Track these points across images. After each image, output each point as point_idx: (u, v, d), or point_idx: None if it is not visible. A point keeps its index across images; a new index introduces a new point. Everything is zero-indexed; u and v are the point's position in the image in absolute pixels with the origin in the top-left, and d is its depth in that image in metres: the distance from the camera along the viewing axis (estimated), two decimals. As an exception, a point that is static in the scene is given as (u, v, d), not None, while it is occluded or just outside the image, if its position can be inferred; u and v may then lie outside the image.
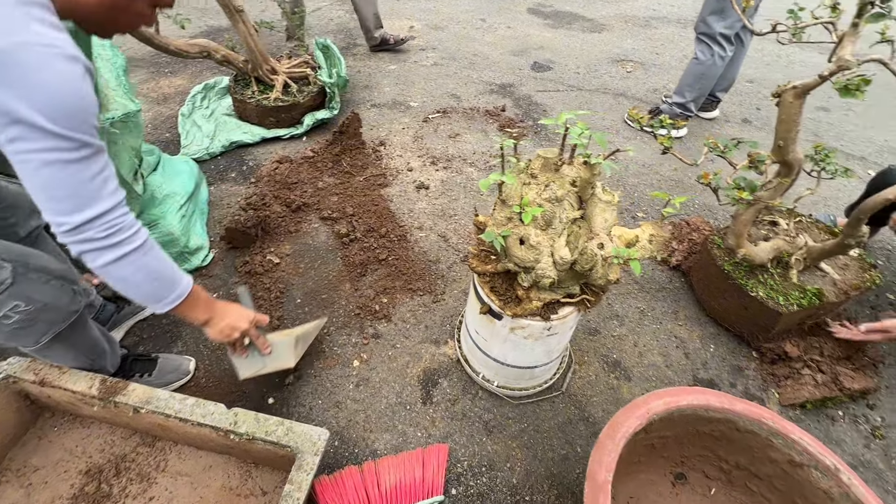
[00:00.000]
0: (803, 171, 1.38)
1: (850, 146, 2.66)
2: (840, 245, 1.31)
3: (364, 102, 2.78)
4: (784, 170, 1.15)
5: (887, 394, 1.50)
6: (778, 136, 1.06)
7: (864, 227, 1.25)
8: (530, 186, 0.98)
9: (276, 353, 1.24)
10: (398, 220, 2.01)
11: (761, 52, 3.60)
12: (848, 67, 0.88)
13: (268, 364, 1.24)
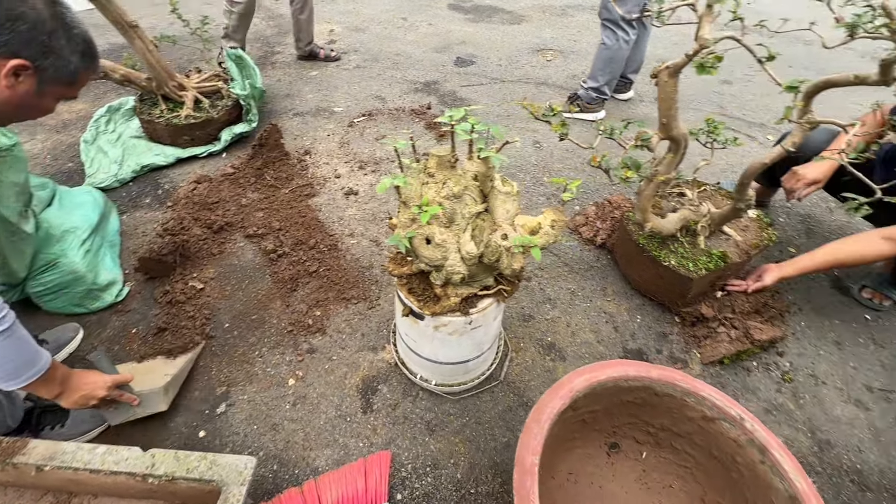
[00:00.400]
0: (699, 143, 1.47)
1: (752, 115, 2.87)
2: (734, 209, 1.42)
3: (286, 112, 2.69)
4: (673, 145, 1.22)
5: (793, 340, 1.64)
6: (661, 114, 1.13)
7: (750, 191, 1.35)
8: (429, 186, 0.99)
9: (145, 403, 1.27)
10: (328, 229, 1.97)
11: (668, 31, 3.81)
12: (707, 46, 0.94)
13: (138, 412, 1.27)
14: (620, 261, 1.80)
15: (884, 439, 1.39)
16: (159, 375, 1.34)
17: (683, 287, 1.53)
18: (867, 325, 1.70)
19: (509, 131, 2.61)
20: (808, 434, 1.40)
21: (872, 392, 1.51)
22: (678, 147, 1.22)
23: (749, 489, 1.06)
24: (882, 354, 1.61)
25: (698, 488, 1.20)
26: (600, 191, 2.22)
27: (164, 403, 1.30)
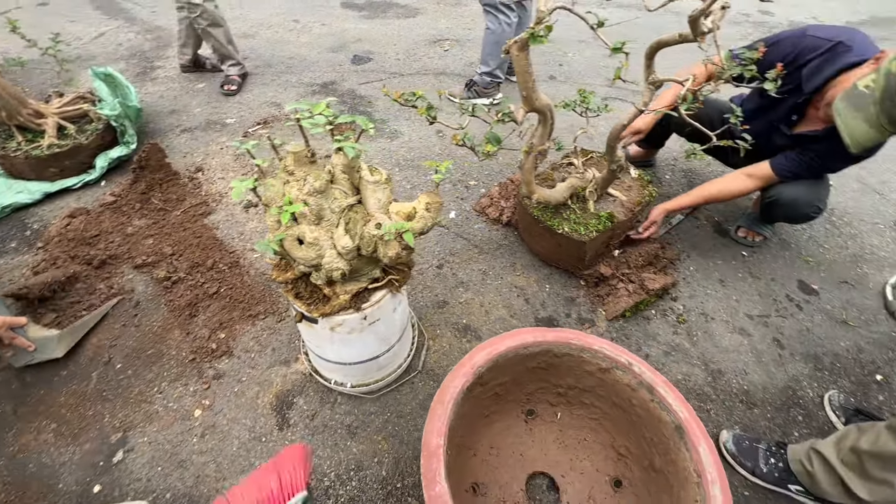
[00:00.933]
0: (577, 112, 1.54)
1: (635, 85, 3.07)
2: (609, 171, 1.51)
3: (171, 129, 2.51)
4: (540, 117, 1.27)
5: (684, 285, 1.78)
6: (520, 87, 1.17)
7: (620, 151, 1.45)
8: (290, 184, 0.95)
9: (41, 348, 1.40)
10: (227, 246, 1.86)
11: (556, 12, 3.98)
12: (543, 17, 0.98)
13: (35, 357, 1.40)
14: (524, 235, 1.86)
15: (764, 359, 1.55)
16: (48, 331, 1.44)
17: (580, 251, 1.61)
18: (744, 261, 1.89)
19: (412, 122, 2.60)
20: (703, 367, 1.53)
21: (753, 319, 1.67)
22: (545, 118, 1.27)
23: (646, 427, 1.14)
24: (758, 285, 1.79)
25: (608, 436, 1.27)
26: (503, 171, 2.28)
27: (59, 350, 1.41)
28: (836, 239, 2.00)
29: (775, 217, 1.75)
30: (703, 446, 0.99)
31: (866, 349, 1.60)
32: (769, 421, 1.40)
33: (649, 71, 1.21)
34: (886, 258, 1.92)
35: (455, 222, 2.01)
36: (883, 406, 1.45)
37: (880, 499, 1.01)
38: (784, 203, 1.62)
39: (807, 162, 1.54)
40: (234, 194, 0.86)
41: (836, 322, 1.67)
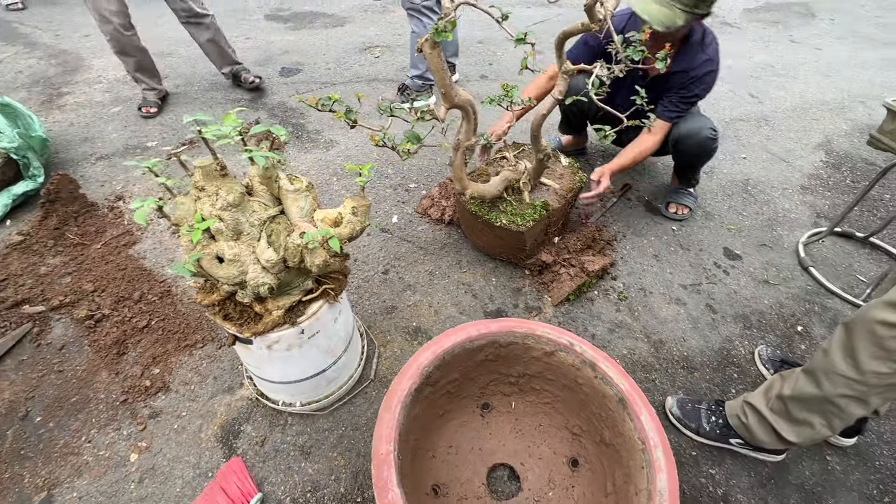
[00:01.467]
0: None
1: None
2: (538, 161, 1.55)
3: (86, 158, 2.33)
4: (463, 113, 1.29)
5: (622, 264, 1.86)
6: (438, 84, 1.17)
7: (544, 141, 1.49)
8: (202, 201, 0.90)
9: None
10: (157, 276, 1.75)
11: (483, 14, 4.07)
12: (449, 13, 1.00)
13: None
14: (466, 231, 1.87)
15: (699, 325, 1.65)
16: None
17: (519, 241, 1.64)
18: (675, 235, 2.00)
19: (347, 131, 2.57)
20: (645, 339, 1.60)
21: (686, 289, 1.77)
22: (468, 114, 1.29)
23: (593, 403, 1.17)
24: (688, 256, 1.90)
25: (561, 418, 1.29)
26: (443, 171, 2.30)
27: None
28: (752, 206, 2.16)
29: (689, 159, 1.90)
30: (644, 415, 1.03)
31: (787, 304, 1.73)
32: (709, 382, 1.48)
33: (561, 60, 1.26)
34: (797, 219, 2.10)
35: (398, 226, 2.00)
36: (805, 354, 1.57)
37: (806, 438, 1.09)
38: (688, 138, 1.79)
39: (677, 100, 1.74)
40: (137, 217, 0.80)
41: (759, 282, 1.80)
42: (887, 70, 3.39)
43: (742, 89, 3.09)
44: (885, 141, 1.58)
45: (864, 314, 0.93)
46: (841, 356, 0.97)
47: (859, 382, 0.95)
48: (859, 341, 0.93)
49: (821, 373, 1.01)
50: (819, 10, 4.45)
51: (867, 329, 0.92)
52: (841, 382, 0.97)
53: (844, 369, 0.96)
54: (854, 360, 0.95)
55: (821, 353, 1.03)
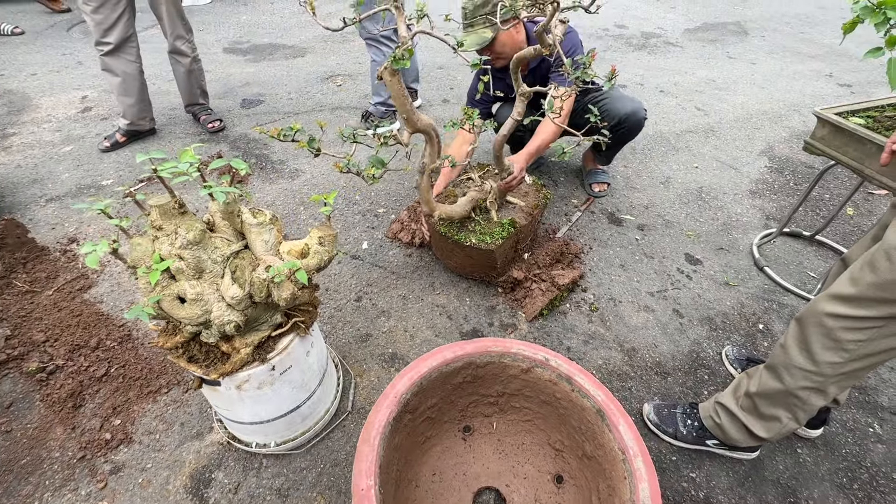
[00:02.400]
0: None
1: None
2: (501, 180, 1.58)
3: (34, 200, 2.22)
4: (426, 137, 1.31)
5: (591, 275, 1.91)
6: (399, 111, 1.19)
7: (506, 161, 1.53)
8: (161, 240, 0.88)
9: None
10: (115, 320, 1.66)
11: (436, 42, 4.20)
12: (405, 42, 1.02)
13: None
14: (437, 253, 1.88)
15: (669, 330, 1.70)
16: None
17: (490, 259, 1.65)
18: (638, 244, 2.07)
19: (312, 159, 2.56)
20: (619, 348, 1.63)
21: (654, 296, 1.83)
22: (431, 138, 1.31)
23: (572, 417, 1.18)
24: (653, 263, 1.97)
25: (543, 435, 1.29)
26: (411, 195, 2.31)
27: None
28: (707, 212, 2.27)
29: (626, 137, 2.04)
30: (622, 424, 1.04)
31: (747, 304, 1.81)
32: (682, 385, 1.52)
33: (517, 84, 1.31)
34: (749, 222, 2.22)
35: (369, 252, 1.99)
36: (768, 351, 1.64)
37: (775, 433, 1.12)
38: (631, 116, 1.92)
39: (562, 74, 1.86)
40: (89, 261, 0.77)
41: (720, 284, 1.88)
42: (815, 80, 3.69)
43: (689, 103, 3.28)
44: (819, 146, 1.71)
45: (813, 308, 0.99)
46: (797, 350, 1.02)
47: (816, 374, 0.99)
48: (812, 335, 0.98)
49: (781, 367, 1.06)
50: (751, 29, 4.82)
51: (817, 322, 0.97)
52: (800, 375, 1.02)
53: (802, 362, 1.01)
54: (809, 352, 0.99)
55: (779, 349, 1.08)
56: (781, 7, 5.49)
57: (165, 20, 2.41)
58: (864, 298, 0.89)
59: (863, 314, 0.90)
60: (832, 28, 4.86)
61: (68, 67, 3.58)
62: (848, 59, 4.10)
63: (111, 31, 2.29)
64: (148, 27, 4.28)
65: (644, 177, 2.50)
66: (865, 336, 0.92)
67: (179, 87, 2.71)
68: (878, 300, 0.88)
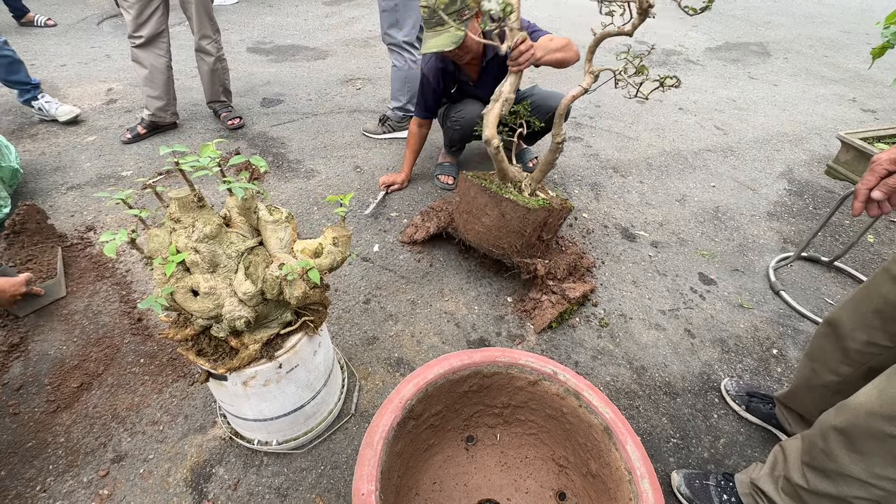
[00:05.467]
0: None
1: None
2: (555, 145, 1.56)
3: (56, 188, 2.27)
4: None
5: (602, 290, 1.88)
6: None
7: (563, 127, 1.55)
8: (178, 233, 0.88)
9: (48, 292, 1.65)
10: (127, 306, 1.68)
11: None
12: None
13: (42, 301, 1.65)
14: (462, 224, 1.81)
15: (679, 350, 1.66)
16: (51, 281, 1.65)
17: (523, 223, 1.61)
18: (651, 261, 2.04)
19: (328, 160, 2.58)
20: (628, 366, 1.60)
21: (665, 314, 1.80)
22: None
23: (578, 433, 1.16)
24: (665, 281, 1.94)
25: (547, 450, 1.27)
26: (424, 200, 2.32)
27: (62, 290, 1.70)
28: (723, 233, 2.23)
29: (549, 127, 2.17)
30: (630, 443, 1.02)
31: (761, 328, 1.77)
32: (691, 408, 1.49)
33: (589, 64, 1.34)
34: (766, 245, 2.18)
35: (379, 255, 1.99)
36: (782, 377, 1.60)
37: None
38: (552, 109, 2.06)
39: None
40: (107, 250, 0.78)
41: (734, 306, 1.85)
42: (837, 104, 3.64)
43: (708, 122, 3.25)
44: (841, 170, 1.68)
45: (864, 423, 0.91)
46: (850, 461, 0.93)
47: (877, 487, 0.91)
48: (871, 450, 0.90)
49: (834, 474, 0.97)
50: (774, 50, 4.78)
51: (877, 439, 0.89)
52: (856, 485, 0.94)
53: (860, 473, 0.93)
54: (868, 464, 0.91)
55: (822, 455, 0.98)
56: (805, 30, 5.44)
57: (194, 19, 2.46)
58: None
59: None
60: (856, 53, 4.80)
61: (96, 60, 3.67)
62: (873, 84, 4.04)
63: (144, 26, 2.34)
64: (178, 23, 4.38)
65: (660, 193, 2.48)
66: None
67: (203, 83, 2.76)
68: None
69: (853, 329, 1.10)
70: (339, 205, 1.03)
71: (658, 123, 3.16)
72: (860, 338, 1.08)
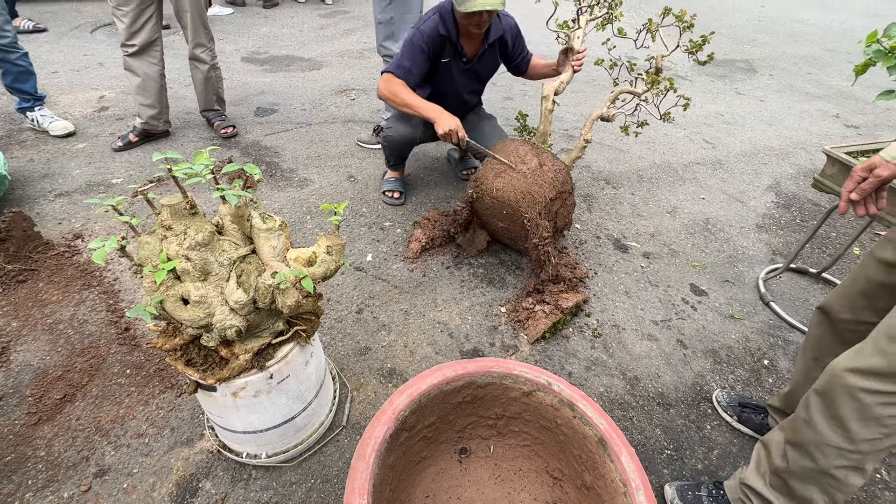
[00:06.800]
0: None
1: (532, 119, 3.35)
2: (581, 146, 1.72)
3: (44, 195, 2.24)
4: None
5: (595, 300, 1.89)
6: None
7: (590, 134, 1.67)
8: (169, 240, 0.87)
9: None
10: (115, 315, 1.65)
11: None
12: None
13: None
14: (492, 181, 1.80)
15: (672, 361, 1.67)
16: None
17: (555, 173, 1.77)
18: (643, 272, 2.06)
19: (322, 170, 2.58)
20: (621, 376, 1.60)
21: (658, 325, 1.81)
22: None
23: (573, 445, 1.15)
24: (657, 292, 1.96)
25: (541, 461, 1.26)
26: (418, 210, 2.32)
27: None
28: (713, 244, 2.26)
29: None
30: (624, 455, 1.01)
31: (752, 338, 1.78)
32: (684, 419, 1.48)
33: None
34: (755, 256, 2.21)
35: (372, 264, 1.98)
36: (773, 388, 1.61)
37: None
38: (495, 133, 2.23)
39: (521, 48, 2.18)
40: (96, 257, 0.76)
41: (725, 317, 1.86)
42: (821, 120, 3.73)
43: (697, 136, 3.31)
44: (828, 183, 1.72)
45: (840, 381, 0.93)
46: (828, 427, 0.95)
47: (853, 451, 0.93)
48: (845, 411, 0.92)
49: (812, 446, 0.99)
50: (759, 67, 4.91)
51: (850, 396, 0.91)
52: (835, 454, 0.95)
53: (836, 440, 0.94)
54: (844, 429, 0.93)
55: (803, 425, 1.01)
56: (789, 48, 5.60)
57: (189, 29, 2.47)
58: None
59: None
60: (838, 70, 4.94)
61: (89, 67, 3.66)
62: (855, 100, 4.15)
63: (138, 34, 2.34)
64: (172, 32, 4.38)
65: (651, 205, 2.51)
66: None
67: (196, 92, 2.75)
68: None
69: (841, 311, 1.14)
70: (334, 213, 1.03)
71: (648, 136, 3.21)
72: (850, 317, 1.13)
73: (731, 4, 7.30)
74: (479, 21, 1.80)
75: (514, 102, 3.56)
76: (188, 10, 2.41)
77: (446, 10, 1.90)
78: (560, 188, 1.78)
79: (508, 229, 1.88)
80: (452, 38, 1.90)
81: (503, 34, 2.03)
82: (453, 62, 2.01)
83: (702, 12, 6.65)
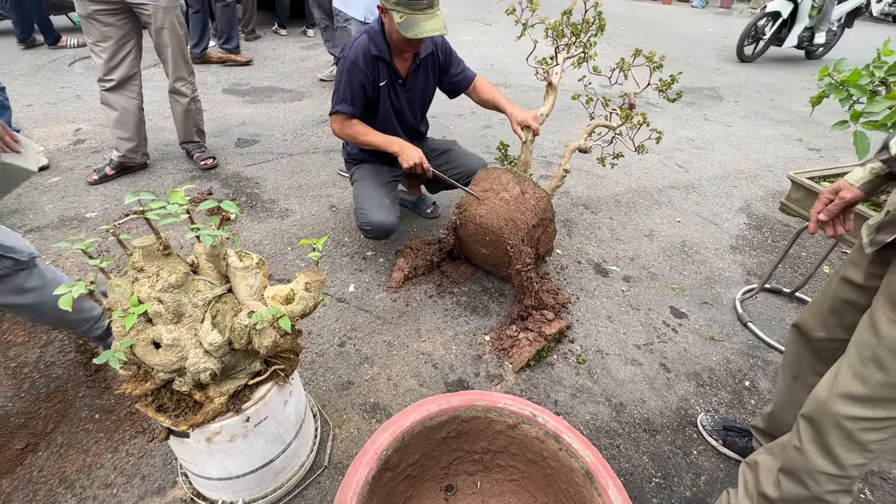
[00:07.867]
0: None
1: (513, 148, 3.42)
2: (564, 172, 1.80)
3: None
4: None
5: (578, 326, 1.90)
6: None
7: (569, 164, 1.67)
8: (141, 282, 0.85)
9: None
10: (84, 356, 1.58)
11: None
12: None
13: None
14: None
15: (656, 385, 1.67)
16: None
17: (537, 200, 1.82)
18: (625, 296, 2.08)
19: (303, 200, 2.57)
20: (607, 403, 1.59)
21: (640, 349, 1.82)
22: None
23: (560, 478, 1.13)
24: (639, 316, 1.98)
25: (529, 496, 1.23)
26: (401, 239, 2.32)
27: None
28: (691, 266, 2.31)
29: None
30: (612, 488, 1.00)
31: (733, 360, 1.81)
32: (671, 444, 1.48)
33: None
34: (731, 277, 2.26)
35: (355, 295, 1.96)
36: (755, 409, 1.62)
37: None
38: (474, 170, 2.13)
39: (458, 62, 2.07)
40: (62, 303, 0.74)
41: (706, 339, 1.89)
42: (785, 144, 3.91)
43: (670, 160, 3.43)
44: (794, 207, 1.79)
45: (825, 408, 0.95)
46: (818, 454, 0.97)
47: (843, 477, 0.95)
48: (832, 437, 0.94)
49: (803, 473, 1.00)
50: (725, 94, 5.16)
51: (835, 423, 0.93)
52: (826, 480, 0.97)
53: (826, 467, 0.96)
54: (832, 456, 0.95)
55: (795, 452, 1.01)
56: (751, 76, 5.91)
57: (169, 63, 2.48)
58: (880, 399, 0.88)
59: (881, 415, 0.88)
60: (797, 96, 5.22)
61: (65, 100, 3.62)
62: (815, 125, 4.38)
63: (116, 69, 2.34)
64: (151, 65, 4.39)
65: (629, 229, 2.56)
66: (887, 434, 0.90)
67: (176, 124, 2.75)
68: (893, 399, 0.87)
69: (815, 328, 1.16)
70: (313, 249, 1.02)
71: (623, 162, 3.31)
72: (824, 335, 1.15)
73: (696, 35, 7.71)
74: (417, 43, 1.74)
75: (494, 131, 3.65)
76: (168, 45, 2.42)
77: (375, 31, 1.80)
78: (542, 215, 1.82)
79: (491, 255, 1.89)
80: (385, 57, 1.81)
81: (433, 50, 1.94)
82: (390, 84, 1.91)
83: (669, 43, 7.00)
